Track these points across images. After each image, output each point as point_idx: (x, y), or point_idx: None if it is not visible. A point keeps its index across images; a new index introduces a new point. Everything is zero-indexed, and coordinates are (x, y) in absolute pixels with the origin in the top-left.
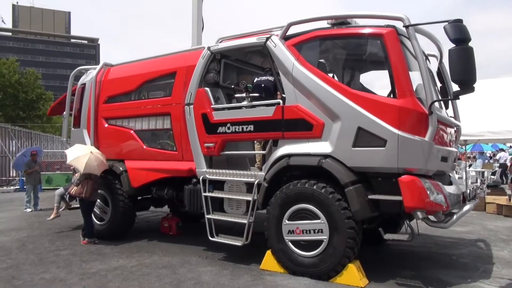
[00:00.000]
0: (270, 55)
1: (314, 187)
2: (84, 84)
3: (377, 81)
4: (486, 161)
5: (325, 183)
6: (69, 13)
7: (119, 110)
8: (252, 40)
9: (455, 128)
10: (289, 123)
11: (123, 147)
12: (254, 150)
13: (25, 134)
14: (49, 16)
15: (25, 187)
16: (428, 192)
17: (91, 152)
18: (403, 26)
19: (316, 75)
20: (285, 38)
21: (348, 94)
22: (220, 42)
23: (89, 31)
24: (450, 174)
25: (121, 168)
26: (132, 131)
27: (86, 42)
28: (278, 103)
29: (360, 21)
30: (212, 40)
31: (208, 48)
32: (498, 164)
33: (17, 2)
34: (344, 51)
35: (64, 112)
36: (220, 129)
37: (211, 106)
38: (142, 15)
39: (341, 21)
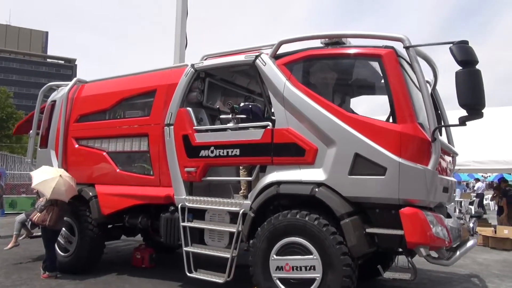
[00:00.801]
0: (259, 74)
1: (306, 218)
2: (55, 101)
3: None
4: (464, 190)
5: (318, 214)
6: (47, 33)
7: (91, 130)
8: (240, 58)
9: (451, 156)
10: (279, 147)
11: (94, 170)
12: (239, 176)
13: None
14: (25, 35)
15: None
16: (431, 226)
17: (60, 175)
18: (404, 47)
19: (309, 97)
20: (275, 57)
21: (344, 117)
22: (205, 59)
23: (67, 52)
24: (447, 206)
25: (90, 193)
26: (104, 153)
27: (62, 62)
28: (267, 126)
29: (354, 42)
30: (196, 58)
31: (192, 66)
32: (476, 194)
33: None
34: (339, 72)
35: (31, 131)
36: (203, 153)
37: (193, 128)
38: (123, 36)
39: (335, 40)
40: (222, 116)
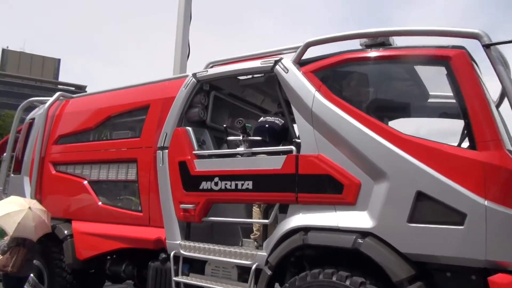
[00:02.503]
0: (279, 84)
1: (347, 282)
2: (33, 119)
3: None
4: None
5: (362, 275)
6: (59, 60)
7: (71, 153)
8: (255, 64)
9: None
10: (307, 180)
11: (72, 203)
12: (251, 216)
13: None
14: (38, 62)
15: None
16: None
17: (29, 207)
18: (483, 45)
19: (348, 113)
20: (300, 62)
21: (399, 140)
22: (211, 67)
23: (78, 79)
24: None
25: (65, 232)
26: (85, 182)
27: (73, 88)
28: (291, 151)
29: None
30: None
31: (194, 75)
32: None
33: (7, 47)
34: (389, 81)
35: (5, 154)
36: (204, 185)
37: (193, 152)
38: (133, 65)
39: (380, 40)
40: (229, 138)
